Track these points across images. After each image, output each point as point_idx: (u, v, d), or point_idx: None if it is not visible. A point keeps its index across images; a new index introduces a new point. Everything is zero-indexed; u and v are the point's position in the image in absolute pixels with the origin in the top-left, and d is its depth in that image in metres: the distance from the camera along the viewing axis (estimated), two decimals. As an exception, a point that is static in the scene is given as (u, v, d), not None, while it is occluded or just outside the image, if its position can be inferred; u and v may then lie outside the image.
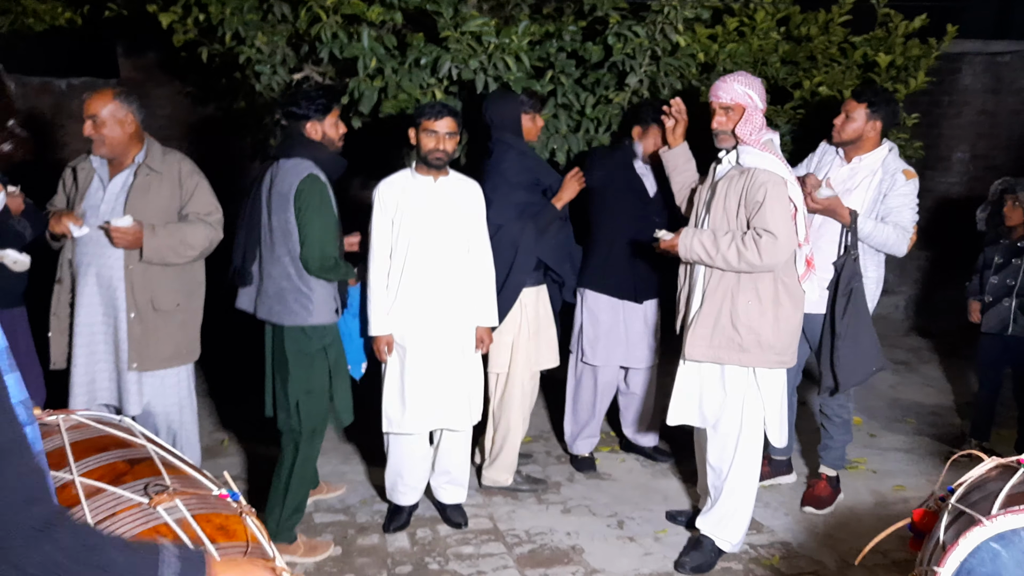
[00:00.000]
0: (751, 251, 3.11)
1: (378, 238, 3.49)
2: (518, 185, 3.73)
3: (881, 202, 3.70)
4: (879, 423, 5.01)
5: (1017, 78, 6.81)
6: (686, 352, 3.32)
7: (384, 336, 3.50)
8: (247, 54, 4.12)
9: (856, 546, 3.55)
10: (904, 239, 3.70)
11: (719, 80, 3.28)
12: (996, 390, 4.59)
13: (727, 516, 3.43)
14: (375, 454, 4.10)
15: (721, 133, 3.28)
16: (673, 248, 3.31)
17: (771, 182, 3.14)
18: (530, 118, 3.84)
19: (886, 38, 4.68)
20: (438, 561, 3.48)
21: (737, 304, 3.21)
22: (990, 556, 1.83)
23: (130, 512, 1.65)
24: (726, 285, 3.23)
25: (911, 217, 3.72)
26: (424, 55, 3.94)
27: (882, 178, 3.71)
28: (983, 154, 6.89)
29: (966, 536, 1.86)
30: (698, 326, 3.28)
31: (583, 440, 4.36)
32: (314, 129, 3.38)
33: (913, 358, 6.28)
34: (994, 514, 1.85)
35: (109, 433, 1.96)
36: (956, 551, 1.86)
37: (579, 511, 3.92)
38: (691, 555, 3.45)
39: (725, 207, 3.26)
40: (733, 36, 4.57)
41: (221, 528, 1.67)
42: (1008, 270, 4.38)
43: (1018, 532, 1.82)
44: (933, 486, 4.05)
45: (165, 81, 6.40)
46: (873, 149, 3.76)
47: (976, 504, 1.97)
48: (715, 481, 3.44)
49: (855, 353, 3.61)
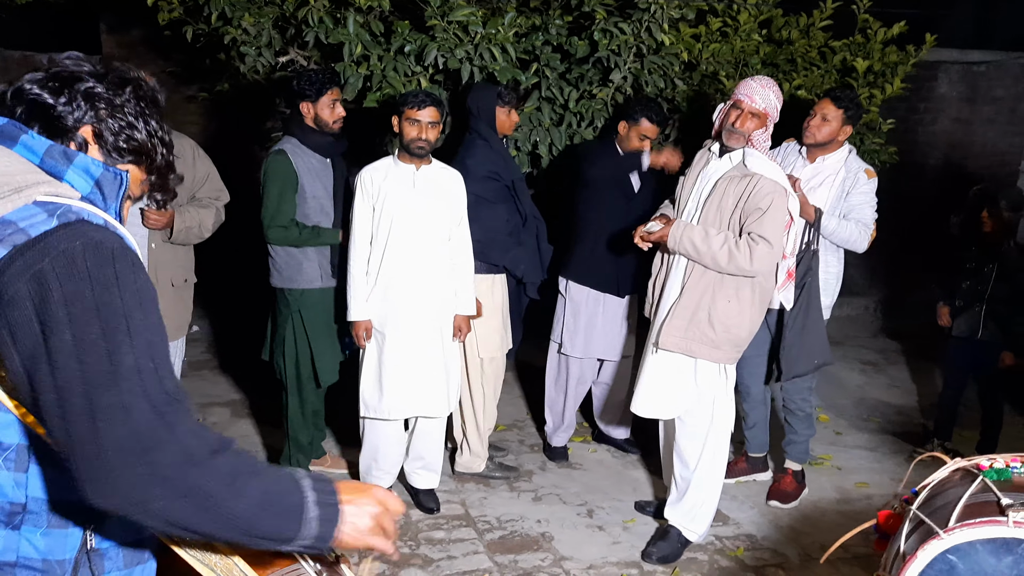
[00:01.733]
0: (743, 255, 3.14)
1: (359, 225, 3.52)
2: (475, 176, 3.75)
3: (844, 200, 3.81)
4: (845, 421, 5.11)
5: (992, 87, 6.93)
6: (660, 340, 3.33)
7: (363, 322, 3.53)
8: (233, 35, 4.12)
9: (819, 540, 3.64)
10: (865, 235, 3.81)
11: (756, 83, 3.23)
12: (961, 392, 4.69)
13: (695, 507, 3.50)
14: (350, 437, 4.13)
15: (740, 134, 3.23)
16: (662, 239, 3.30)
17: (777, 193, 3.17)
18: (505, 112, 3.87)
19: (865, 44, 4.76)
20: (409, 545, 3.52)
21: (717, 302, 3.24)
22: (947, 568, 1.89)
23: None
24: (708, 281, 3.26)
25: (871, 214, 3.85)
26: (410, 43, 3.97)
27: (845, 177, 3.81)
28: (957, 161, 7.02)
29: (924, 548, 1.92)
30: (674, 317, 3.30)
31: (560, 434, 4.41)
32: (307, 109, 3.62)
33: (881, 359, 6.39)
34: (951, 527, 1.91)
35: None
36: (915, 563, 1.92)
37: (550, 499, 3.98)
38: (658, 545, 3.52)
39: (720, 205, 3.25)
40: (716, 36, 4.63)
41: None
42: (979, 276, 4.45)
43: (973, 544, 1.88)
44: (896, 484, 4.17)
45: (148, 60, 6.34)
46: (837, 150, 3.85)
47: (935, 513, 2.02)
48: (683, 472, 3.50)
49: (800, 344, 3.66)
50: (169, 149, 1.43)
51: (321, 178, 3.70)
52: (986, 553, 1.88)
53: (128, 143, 1.36)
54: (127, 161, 1.37)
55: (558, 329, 4.29)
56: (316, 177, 3.68)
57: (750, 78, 3.30)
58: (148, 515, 1.16)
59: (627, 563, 3.48)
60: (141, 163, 1.39)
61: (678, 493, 3.54)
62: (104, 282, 1.17)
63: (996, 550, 1.87)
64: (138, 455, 1.14)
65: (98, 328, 1.16)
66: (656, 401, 3.45)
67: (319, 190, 3.68)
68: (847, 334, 6.70)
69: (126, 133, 1.35)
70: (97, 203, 1.30)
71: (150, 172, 1.42)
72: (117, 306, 1.18)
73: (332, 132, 3.67)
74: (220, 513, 1.19)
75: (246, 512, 1.21)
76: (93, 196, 1.30)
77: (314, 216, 3.68)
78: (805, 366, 3.73)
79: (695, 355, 3.31)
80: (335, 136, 3.70)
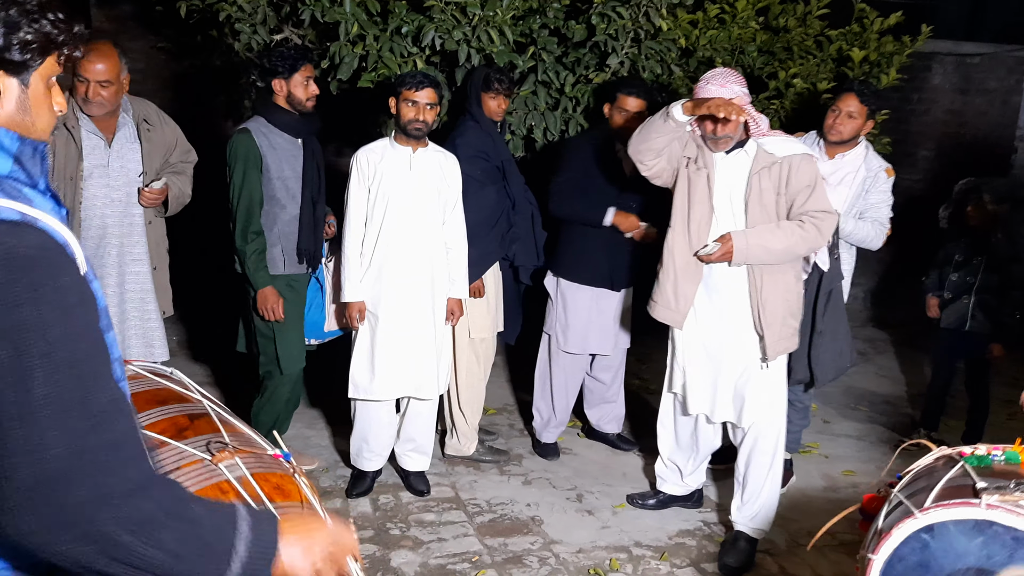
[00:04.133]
0: (814, 235, 3.13)
1: (354, 205, 3.51)
2: (463, 155, 3.73)
3: (863, 198, 3.79)
4: (833, 409, 5.15)
5: (985, 79, 6.95)
6: (769, 355, 3.24)
7: (356, 303, 3.53)
8: (227, 11, 4.08)
9: (806, 526, 3.67)
10: (881, 233, 3.82)
11: (714, 87, 3.04)
12: (948, 383, 4.73)
13: (764, 507, 3.43)
14: (341, 419, 4.13)
15: (727, 138, 3.13)
16: (727, 256, 3.14)
17: (812, 164, 3.17)
18: (491, 96, 3.85)
19: (861, 33, 4.76)
20: (399, 527, 3.53)
21: (791, 291, 3.24)
22: (920, 546, 1.97)
23: (192, 467, 1.70)
24: (780, 280, 3.20)
25: (887, 213, 3.83)
26: (407, 23, 3.94)
27: (866, 175, 3.78)
28: (948, 152, 7.04)
29: (899, 527, 2.00)
30: (769, 330, 3.20)
31: (551, 430, 4.31)
32: (279, 87, 3.52)
33: (870, 348, 6.43)
34: (926, 507, 1.98)
35: (167, 386, 2.00)
36: (889, 540, 2.00)
37: (540, 483, 4.00)
38: (732, 555, 3.41)
39: (762, 201, 3.15)
40: (714, 23, 4.61)
41: (278, 488, 1.73)
42: (968, 268, 4.49)
43: (946, 525, 1.96)
44: (882, 472, 4.20)
45: (139, 34, 6.27)
46: (856, 146, 3.83)
47: (915, 495, 2.09)
48: (758, 476, 3.39)
49: (833, 351, 3.64)
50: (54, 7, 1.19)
51: (289, 159, 3.57)
52: (958, 533, 1.95)
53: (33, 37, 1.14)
54: (39, 63, 1.17)
55: (550, 321, 4.21)
56: (283, 157, 3.55)
57: (707, 82, 3.08)
58: (55, 557, 1.10)
59: (616, 547, 3.50)
60: (51, 51, 1.18)
61: (742, 500, 3.45)
62: (14, 300, 1.04)
63: (968, 530, 1.94)
64: (44, 496, 1.06)
65: (5, 354, 1.04)
66: (736, 408, 3.37)
67: (286, 171, 3.56)
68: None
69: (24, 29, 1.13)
70: (20, 182, 1.14)
71: (62, 55, 1.21)
72: (31, 323, 1.05)
73: (305, 110, 3.56)
74: (131, 561, 1.11)
75: (159, 560, 1.13)
76: (15, 174, 1.15)
77: (280, 197, 3.56)
78: (837, 371, 3.72)
79: (788, 351, 3.30)
80: (306, 115, 3.59)
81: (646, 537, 3.58)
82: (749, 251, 3.12)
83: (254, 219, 3.50)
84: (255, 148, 3.48)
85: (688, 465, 3.68)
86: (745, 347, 3.28)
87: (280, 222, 3.57)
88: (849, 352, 3.73)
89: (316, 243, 3.68)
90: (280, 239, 3.58)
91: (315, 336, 3.86)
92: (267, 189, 3.54)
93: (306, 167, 3.61)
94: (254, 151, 3.48)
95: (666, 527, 3.66)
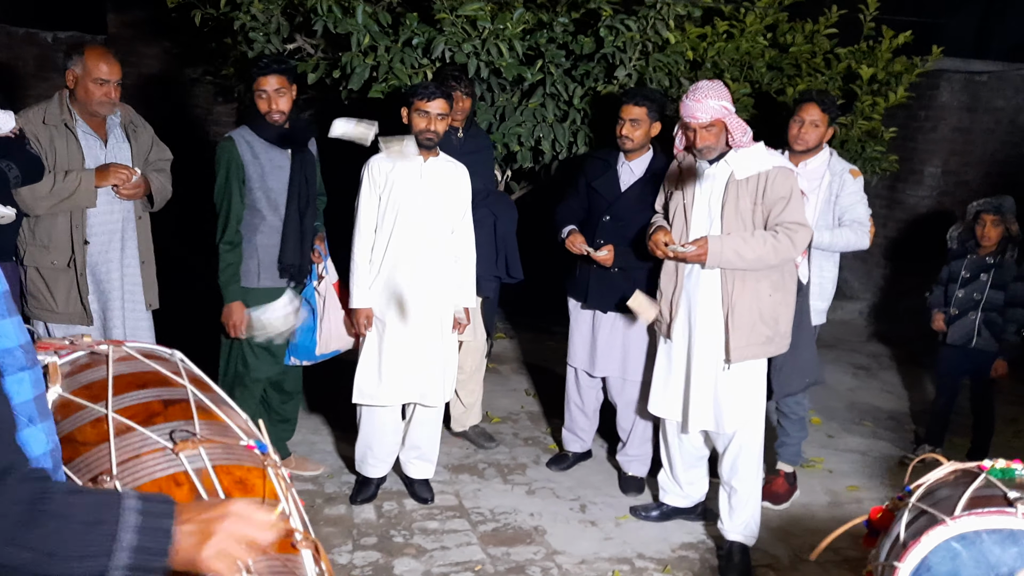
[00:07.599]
0: (786, 246, 3.18)
1: (365, 213, 3.54)
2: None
3: (835, 203, 3.83)
4: (838, 424, 5.15)
5: (993, 98, 6.97)
6: (732, 358, 3.28)
7: (364, 309, 3.55)
8: (242, 20, 4.13)
9: (810, 542, 3.67)
10: (864, 234, 3.83)
11: (692, 101, 3.18)
12: (953, 399, 4.73)
13: (751, 515, 3.47)
14: (345, 426, 4.15)
15: (709, 148, 3.24)
16: (699, 259, 3.23)
17: (790, 176, 3.24)
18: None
19: (869, 51, 4.80)
20: (403, 535, 3.55)
21: (762, 300, 3.27)
22: (950, 555, 1.89)
23: (153, 456, 1.67)
24: (750, 286, 3.25)
25: (865, 211, 3.86)
26: (417, 35, 3.97)
27: (831, 180, 3.83)
28: (955, 170, 7.05)
29: (928, 534, 1.91)
30: (735, 330, 3.25)
31: (572, 439, 4.27)
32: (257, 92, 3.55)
33: (873, 363, 6.43)
34: (957, 515, 1.91)
35: (154, 369, 1.96)
36: (917, 548, 1.91)
37: (543, 493, 4.01)
38: (731, 568, 3.44)
39: (738, 209, 3.24)
40: (722, 37, 4.65)
41: (240, 482, 1.69)
42: (975, 284, 4.50)
43: (979, 534, 1.88)
44: (886, 487, 4.21)
45: (153, 40, 6.34)
46: (818, 153, 3.86)
47: (938, 504, 2.02)
48: (742, 485, 3.43)
49: (793, 365, 3.56)
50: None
51: (274, 170, 3.52)
52: (991, 543, 1.87)
53: None
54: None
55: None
56: (267, 168, 3.51)
57: (686, 96, 3.22)
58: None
59: (618, 559, 3.50)
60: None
61: (732, 508, 3.47)
62: None
63: (1002, 540, 1.87)
64: None
65: None
66: (715, 415, 3.39)
67: (270, 182, 3.51)
68: (840, 338, 6.74)
69: None
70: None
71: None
72: None
73: (274, 123, 3.48)
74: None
75: (26, 559, 1.09)
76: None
77: (260, 208, 3.52)
78: (797, 385, 3.63)
79: (757, 357, 3.31)
80: (295, 125, 3.56)
81: (649, 549, 3.59)
82: (723, 255, 3.21)
83: (230, 229, 3.49)
84: (237, 157, 3.47)
85: (686, 475, 3.69)
86: (716, 353, 3.35)
87: (260, 234, 3.54)
88: (812, 369, 3.62)
89: (302, 257, 3.61)
90: (258, 251, 3.54)
91: (307, 359, 3.78)
92: (248, 199, 3.52)
93: (293, 179, 3.56)
94: (236, 160, 3.46)
95: (669, 539, 3.67)
